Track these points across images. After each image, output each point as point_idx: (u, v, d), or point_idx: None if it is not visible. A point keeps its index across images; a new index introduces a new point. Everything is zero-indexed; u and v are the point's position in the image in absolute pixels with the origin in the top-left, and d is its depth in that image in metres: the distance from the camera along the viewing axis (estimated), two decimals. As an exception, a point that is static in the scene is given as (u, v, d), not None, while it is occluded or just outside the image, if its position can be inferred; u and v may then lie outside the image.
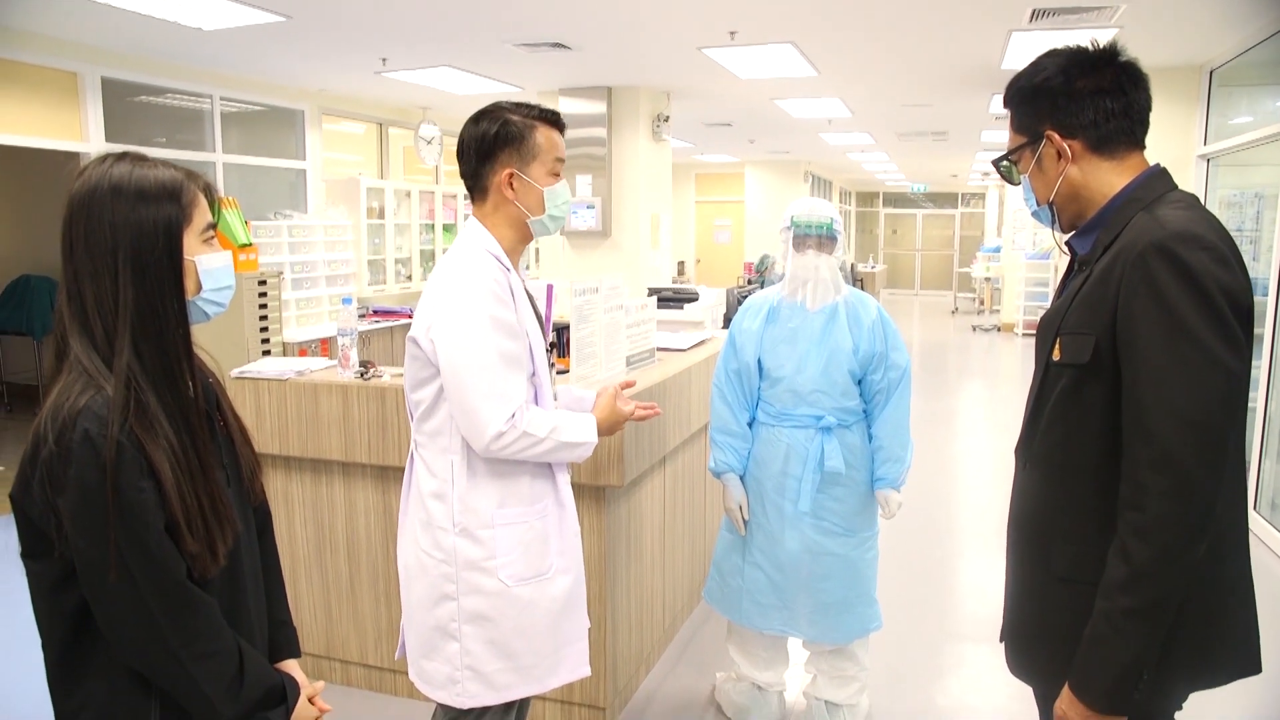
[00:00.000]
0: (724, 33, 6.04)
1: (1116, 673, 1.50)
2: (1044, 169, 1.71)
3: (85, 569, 1.39)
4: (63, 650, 1.47)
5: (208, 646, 1.46)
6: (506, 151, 2.20)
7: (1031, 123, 1.71)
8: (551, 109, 2.28)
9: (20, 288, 8.38)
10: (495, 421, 2.07)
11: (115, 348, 1.44)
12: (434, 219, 9.63)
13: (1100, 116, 1.64)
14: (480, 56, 6.87)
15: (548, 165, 2.23)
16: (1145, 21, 5.55)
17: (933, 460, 7.12)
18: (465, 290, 2.11)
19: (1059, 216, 1.74)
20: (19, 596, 4.39)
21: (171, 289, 1.49)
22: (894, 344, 3.07)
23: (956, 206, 24.74)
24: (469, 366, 2.07)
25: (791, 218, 3.06)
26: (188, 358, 1.53)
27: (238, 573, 1.60)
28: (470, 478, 2.17)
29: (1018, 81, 1.74)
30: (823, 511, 3.05)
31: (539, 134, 2.22)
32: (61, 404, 1.39)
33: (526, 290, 2.33)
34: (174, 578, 1.42)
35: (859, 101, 9.12)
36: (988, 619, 4.25)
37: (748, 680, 3.32)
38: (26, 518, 1.43)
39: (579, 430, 2.20)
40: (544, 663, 2.24)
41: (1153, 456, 1.46)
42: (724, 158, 16.49)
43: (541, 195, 2.23)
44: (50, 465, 1.37)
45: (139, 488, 1.39)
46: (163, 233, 1.48)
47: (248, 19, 5.59)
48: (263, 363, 3.64)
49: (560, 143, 2.27)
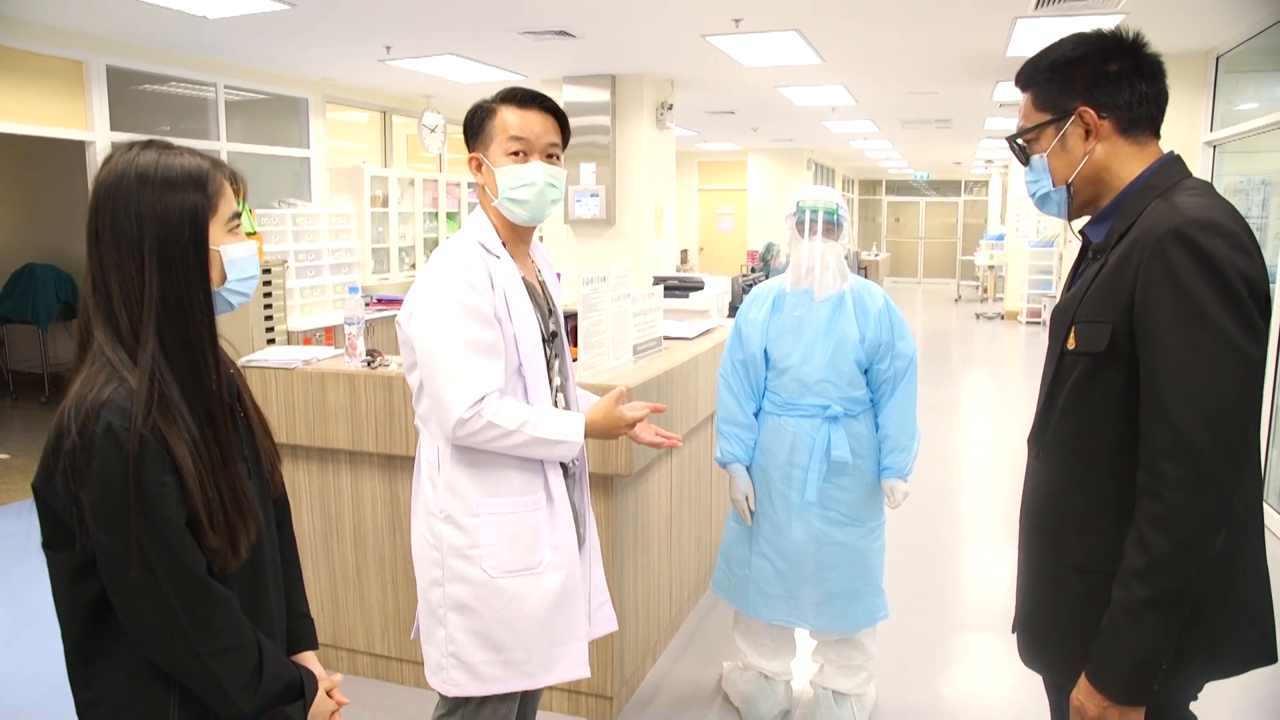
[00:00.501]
0: (729, 20, 6.02)
1: (1135, 663, 1.50)
2: (1068, 147, 1.69)
3: (106, 562, 1.38)
4: (82, 641, 1.47)
5: (227, 642, 1.46)
6: (475, 136, 2.23)
7: (1061, 99, 1.68)
8: (519, 87, 2.23)
9: (25, 276, 8.38)
10: (458, 408, 2.05)
11: (140, 339, 1.43)
12: (438, 207, 9.62)
13: (1135, 98, 1.63)
14: (484, 44, 6.85)
15: (503, 145, 2.19)
16: (1151, 8, 5.53)
17: (937, 449, 7.12)
18: (438, 278, 2.12)
19: (1073, 199, 1.72)
20: (30, 586, 4.41)
21: (197, 279, 1.48)
22: (900, 333, 3.06)
23: (959, 194, 24.69)
24: (436, 352, 2.08)
25: (797, 202, 3.06)
26: (213, 349, 1.51)
27: (259, 566, 1.59)
28: (455, 464, 2.16)
29: (1047, 56, 1.70)
30: (829, 501, 3.05)
31: (500, 113, 2.20)
32: (85, 395, 1.39)
33: (536, 280, 2.32)
34: (194, 573, 1.41)
35: (863, 89, 9.09)
36: (994, 609, 4.26)
37: (754, 670, 3.33)
38: (49, 508, 1.42)
39: (559, 427, 2.14)
40: (536, 659, 2.19)
41: (1171, 445, 1.45)
42: (727, 145, 16.45)
43: (496, 178, 2.20)
44: (73, 457, 1.36)
45: (161, 482, 1.38)
46: (188, 222, 1.47)
47: (253, 7, 5.57)
48: (269, 351, 3.65)
49: (522, 121, 2.20)
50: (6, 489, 6.02)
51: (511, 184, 2.19)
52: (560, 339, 2.37)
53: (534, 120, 2.21)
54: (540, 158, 2.21)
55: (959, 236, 24.42)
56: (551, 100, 2.25)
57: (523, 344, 2.16)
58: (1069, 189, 1.71)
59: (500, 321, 2.13)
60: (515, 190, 2.19)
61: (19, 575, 4.70)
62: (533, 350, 2.19)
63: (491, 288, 2.13)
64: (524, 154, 2.20)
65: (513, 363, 2.16)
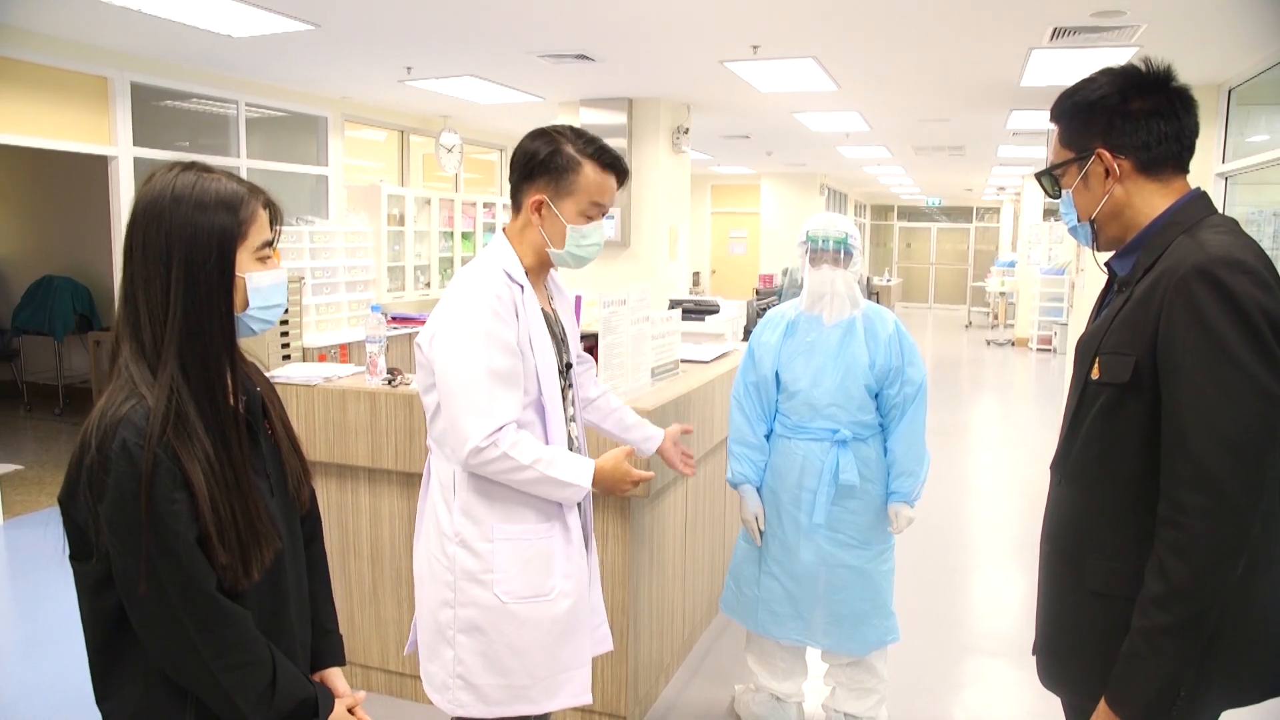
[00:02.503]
0: (747, 47, 6.08)
1: (1154, 690, 1.52)
2: (1089, 186, 1.72)
3: (120, 576, 1.41)
4: (102, 650, 1.49)
5: (238, 658, 1.47)
6: (546, 178, 2.19)
7: (1082, 139, 1.71)
8: (608, 147, 2.23)
9: (43, 288, 8.46)
10: (475, 436, 2.05)
11: (162, 358, 1.45)
12: (453, 226, 9.68)
13: (1152, 139, 1.66)
14: (504, 67, 6.92)
15: (582, 205, 2.19)
16: (1165, 40, 5.57)
17: (949, 474, 7.13)
18: (465, 304, 2.11)
19: (1099, 235, 1.75)
20: (46, 597, 4.44)
21: (220, 303, 1.50)
22: (910, 359, 3.09)
23: (971, 220, 24.72)
24: (457, 379, 2.07)
25: (807, 233, 3.10)
26: (231, 371, 1.54)
27: (280, 583, 1.60)
28: (471, 490, 2.16)
29: (1071, 96, 1.73)
30: (838, 524, 3.08)
31: (585, 171, 2.18)
32: (106, 411, 1.42)
33: (550, 308, 2.32)
34: (203, 589, 1.43)
35: (877, 115, 9.15)
36: (1006, 633, 4.26)
37: (766, 691, 3.34)
38: (72, 521, 1.45)
39: (571, 470, 2.13)
40: (539, 684, 2.20)
41: (1192, 476, 1.48)
42: (740, 169, 16.52)
43: (565, 231, 2.20)
44: (92, 472, 1.39)
45: (172, 499, 1.40)
46: (215, 244, 1.48)
47: (278, 27, 5.65)
48: (290, 368, 3.69)
49: (606, 187, 2.22)
50: (22, 500, 6.05)
51: (581, 242, 2.22)
52: (574, 370, 2.39)
53: (613, 185, 2.24)
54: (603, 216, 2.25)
55: (970, 263, 24.44)
56: (625, 165, 2.28)
57: (544, 376, 2.17)
58: (1093, 224, 1.74)
59: (523, 353, 2.14)
60: (581, 249, 2.23)
61: (35, 586, 4.74)
62: (552, 382, 2.20)
63: (516, 318, 2.14)
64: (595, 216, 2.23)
65: (532, 393, 2.16)
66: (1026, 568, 5.10)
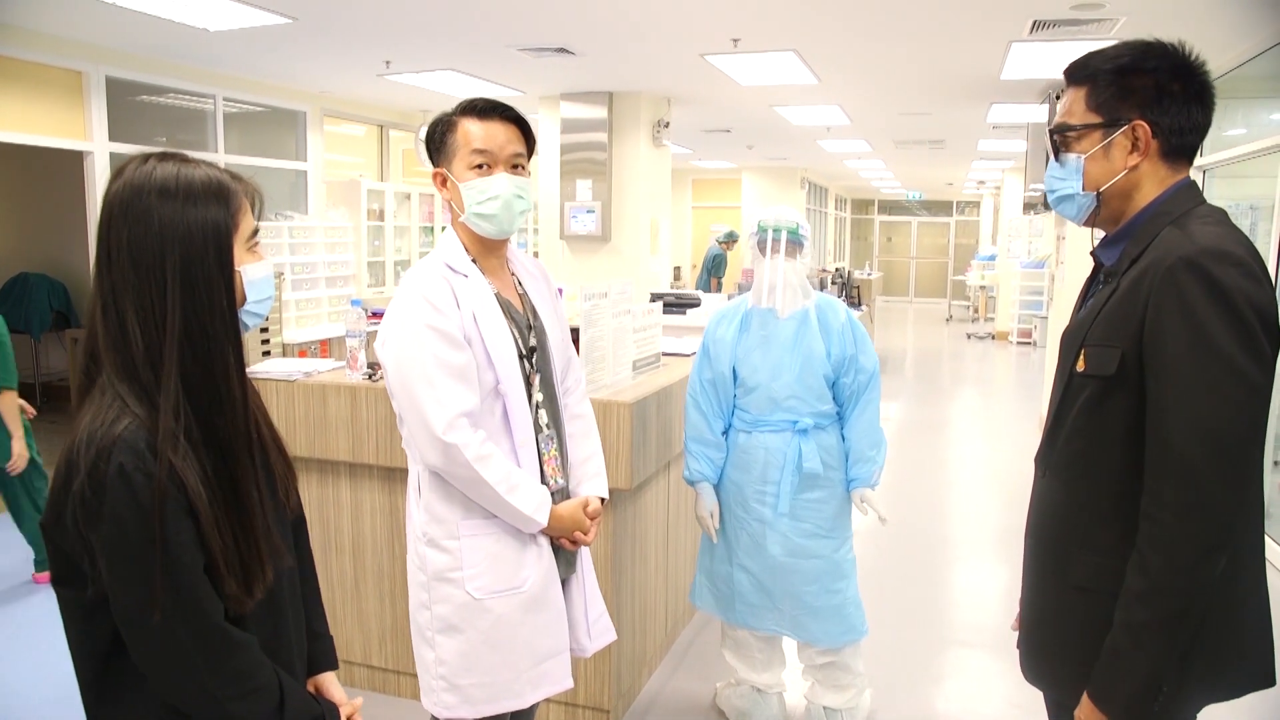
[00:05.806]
0: (727, 40, 6.08)
1: (1136, 685, 1.51)
2: (1110, 156, 1.64)
3: (120, 608, 1.31)
4: (95, 679, 1.40)
5: (248, 686, 1.39)
6: (438, 153, 2.18)
7: (1119, 106, 1.62)
8: (479, 98, 2.16)
9: (18, 285, 8.36)
10: (437, 424, 2.01)
11: (159, 369, 1.33)
12: (433, 221, 9.65)
13: (1188, 125, 1.61)
14: (483, 61, 6.90)
15: (466, 159, 2.13)
16: (1143, 34, 5.48)
17: (929, 467, 7.16)
18: (402, 303, 2.10)
19: (1099, 210, 1.69)
20: (30, 599, 4.39)
21: (221, 300, 1.38)
22: (863, 347, 3.12)
23: (951, 214, 24.83)
24: (408, 375, 2.04)
25: (758, 222, 3.11)
26: (239, 378, 1.42)
27: (278, 596, 1.51)
28: (434, 488, 2.14)
29: (1113, 59, 1.64)
30: (802, 514, 3.09)
31: (460, 127, 2.14)
32: (95, 431, 1.30)
33: (516, 293, 2.27)
34: (213, 621, 1.35)
35: (858, 109, 9.17)
36: (986, 625, 4.28)
37: (747, 684, 3.35)
38: (57, 546, 1.35)
39: (530, 503, 2.11)
40: (523, 677, 2.18)
41: (1174, 470, 1.47)
42: (721, 164, 16.54)
43: (463, 194, 2.14)
44: (82, 498, 1.28)
45: (180, 528, 1.30)
46: (213, 239, 1.37)
47: (254, 20, 5.61)
48: (270, 363, 3.67)
49: (485, 132, 2.13)
50: (0, 498, 5.97)
51: (477, 198, 2.13)
52: (545, 353, 2.28)
53: (497, 131, 2.14)
54: (505, 169, 2.15)
55: (950, 256, 24.54)
56: (513, 109, 2.18)
57: (498, 362, 2.12)
58: (1098, 196, 1.67)
59: (470, 341, 2.09)
60: (481, 205, 2.13)
61: (13, 589, 4.70)
62: (510, 367, 2.14)
63: (458, 307, 2.09)
64: (488, 166, 2.14)
65: (489, 381, 2.11)
66: (1006, 560, 5.12)
